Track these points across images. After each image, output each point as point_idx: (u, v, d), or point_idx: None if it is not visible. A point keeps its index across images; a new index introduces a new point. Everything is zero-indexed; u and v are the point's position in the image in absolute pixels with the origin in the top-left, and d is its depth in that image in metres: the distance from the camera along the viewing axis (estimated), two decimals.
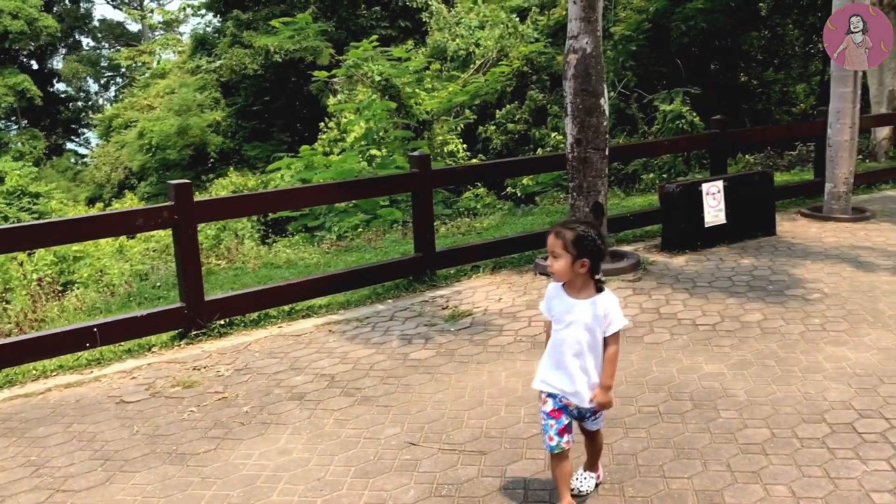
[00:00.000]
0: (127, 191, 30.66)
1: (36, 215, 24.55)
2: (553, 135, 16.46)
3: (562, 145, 14.70)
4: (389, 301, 6.81)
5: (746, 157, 14.19)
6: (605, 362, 3.39)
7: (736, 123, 14.99)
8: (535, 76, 18.91)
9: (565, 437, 3.39)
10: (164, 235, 13.22)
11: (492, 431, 4.31)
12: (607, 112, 7.03)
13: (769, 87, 17.39)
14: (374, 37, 20.32)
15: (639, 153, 11.98)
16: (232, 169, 27.28)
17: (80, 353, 5.68)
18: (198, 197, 6.22)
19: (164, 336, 6.02)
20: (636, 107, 15.94)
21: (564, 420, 3.40)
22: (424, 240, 7.19)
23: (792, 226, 8.78)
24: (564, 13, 17.60)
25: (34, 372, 5.51)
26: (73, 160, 41.43)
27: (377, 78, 16.82)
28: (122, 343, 5.88)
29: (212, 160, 29.18)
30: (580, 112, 6.84)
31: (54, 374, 5.51)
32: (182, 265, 5.90)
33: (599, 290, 3.38)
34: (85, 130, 46.45)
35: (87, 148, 44.60)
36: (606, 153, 7.02)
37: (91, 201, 32.18)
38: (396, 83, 16.83)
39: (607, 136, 7.06)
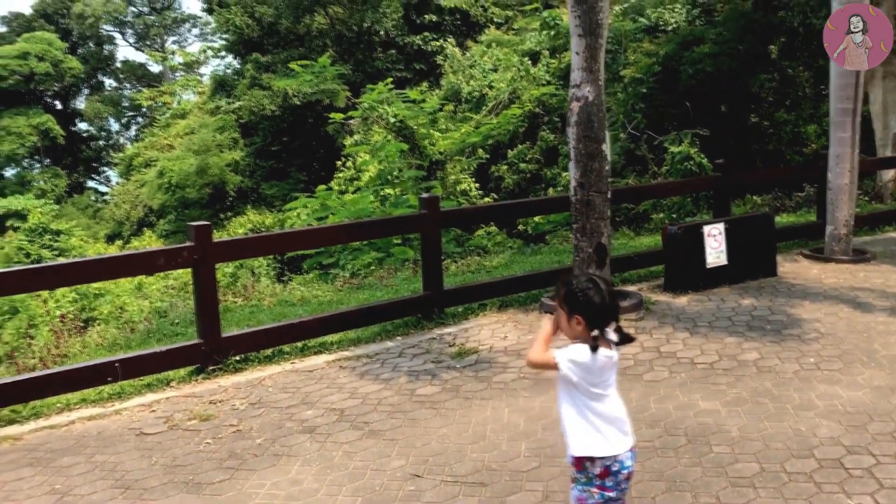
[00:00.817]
0: (146, 228, 31.20)
1: (56, 252, 25.03)
2: (564, 174, 16.76)
3: None
4: (398, 338, 7.04)
5: (754, 198, 14.41)
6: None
7: (746, 164, 15.24)
8: (547, 117, 19.31)
9: None
10: (182, 273, 13.56)
11: (493, 464, 4.51)
12: (609, 157, 7.29)
13: (780, 127, 17.62)
14: (390, 79, 20.80)
15: (644, 195, 12.22)
16: (249, 207, 27.79)
17: (102, 387, 5.93)
18: (216, 235, 6.50)
19: (182, 371, 6.27)
20: (646, 148, 16.23)
21: None
22: (433, 278, 7.44)
23: (793, 267, 8.97)
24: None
25: (58, 405, 5.76)
26: (93, 198, 42.15)
27: (392, 119, 17.24)
28: (142, 378, 6.13)
29: (230, 199, 29.72)
30: (583, 157, 7.11)
31: (77, 406, 5.76)
32: (200, 303, 6.17)
33: (594, 349, 3.05)
34: (105, 169, 47.27)
35: (108, 186, 45.36)
36: (609, 196, 7.27)
37: (110, 238, 32.73)
38: (411, 124, 17.23)
39: (609, 179, 7.31)
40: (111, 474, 4.63)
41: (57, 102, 44.32)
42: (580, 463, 3.14)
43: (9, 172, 40.09)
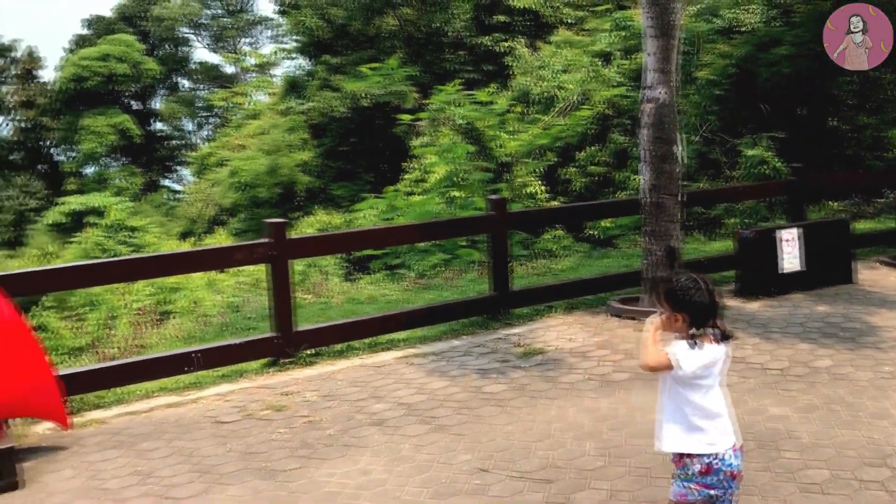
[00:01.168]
0: (217, 226, 32.00)
1: (132, 248, 25.89)
2: (634, 177, 16.60)
3: None
4: (465, 337, 7.11)
5: (831, 203, 14.03)
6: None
7: (824, 169, 14.85)
8: (617, 119, 19.13)
9: None
10: (254, 270, 13.89)
11: (558, 462, 4.55)
12: (680, 159, 7.24)
13: (861, 131, 17.09)
14: (458, 80, 20.93)
15: (716, 199, 12.05)
16: (317, 207, 28.25)
17: (180, 377, 6.16)
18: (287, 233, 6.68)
19: (256, 363, 6.47)
20: (719, 151, 15.96)
21: None
22: (500, 279, 7.50)
23: (871, 274, 8.73)
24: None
25: (139, 392, 6.01)
26: (166, 196, 43.41)
27: (460, 121, 17.35)
28: (218, 368, 6.35)
29: (299, 198, 30.26)
30: (654, 159, 7.08)
31: (157, 394, 6.01)
32: (275, 298, 6.36)
33: (693, 346, 3.09)
34: (178, 168, 48.61)
35: (181, 184, 46.65)
36: (679, 199, 7.22)
37: (183, 236, 33.66)
38: (479, 126, 17.31)
39: (680, 182, 7.26)
40: (189, 459, 4.82)
41: (134, 102, 45.74)
42: (680, 459, 3.16)
43: (89, 170, 41.56)
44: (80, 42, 43.54)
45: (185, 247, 28.56)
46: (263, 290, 11.97)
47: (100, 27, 44.34)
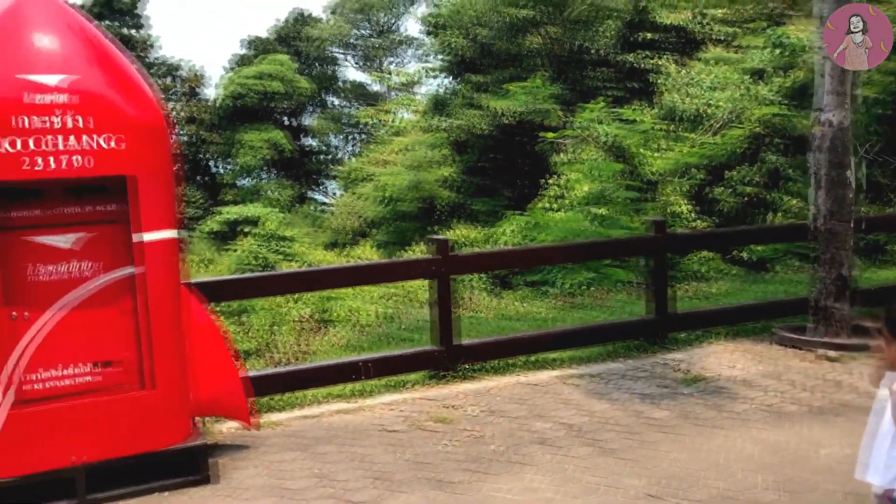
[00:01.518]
0: (361, 238, 33.08)
1: (282, 257, 27.14)
2: (787, 199, 15.96)
3: (798, 210, 14.28)
4: (623, 360, 7.08)
5: None
6: None
7: None
8: (771, 138, 18.44)
9: None
10: (407, 283, 14.19)
11: (729, 493, 4.47)
12: (853, 184, 6.95)
13: None
14: (602, 98, 20.78)
15: (883, 225, 11.40)
16: (456, 221, 28.70)
17: (346, 385, 6.45)
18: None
19: (417, 374, 6.69)
20: (882, 173, 15.11)
21: None
22: (659, 302, 7.41)
23: None
24: (803, 75, 17.15)
25: (309, 397, 6.35)
26: (313, 207, 45.25)
27: (605, 139, 17.22)
28: (381, 378, 6.61)
29: (439, 213, 30.86)
30: (827, 184, 6.83)
31: (326, 400, 6.32)
32: (440, 312, 6.56)
33: None
34: (325, 181, 50.56)
35: (327, 197, 48.50)
36: (852, 225, 6.92)
37: (329, 246, 35.00)
38: (624, 144, 17.13)
39: (853, 207, 6.96)
40: (362, 464, 5.05)
41: (286, 118, 48.00)
42: (889, 496, 3.00)
43: (244, 182, 43.97)
44: (240, 61, 46.18)
45: (331, 257, 29.69)
46: (414, 302, 12.31)
47: (257, 47, 46.87)
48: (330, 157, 49.86)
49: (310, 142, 49.50)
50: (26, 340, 4.65)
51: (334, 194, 45.73)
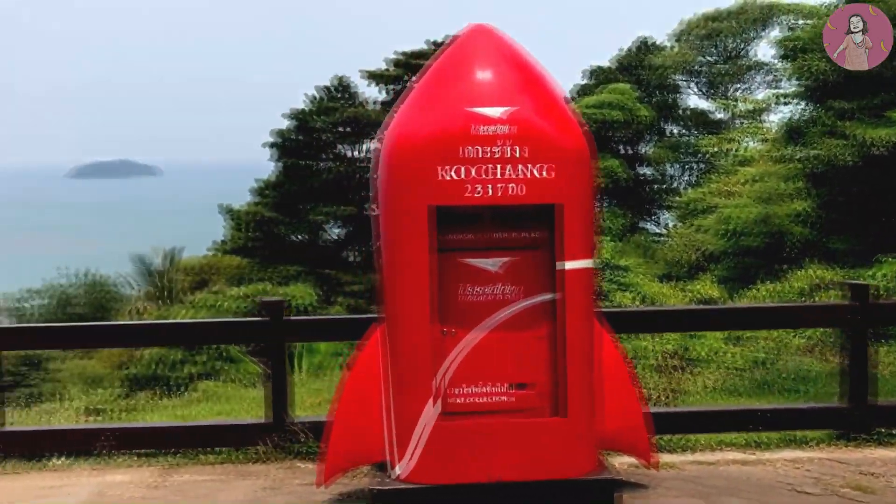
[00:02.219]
0: (698, 272, 31.79)
1: (616, 286, 26.92)
2: None
3: None
4: None
5: None
6: None
7: None
8: None
9: None
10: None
11: None
12: None
13: None
14: None
15: None
16: (810, 261, 26.42)
17: (740, 434, 6.05)
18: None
19: (821, 433, 6.07)
20: None
21: None
22: None
23: None
24: None
25: (701, 442, 6.04)
26: (643, 238, 44.54)
27: None
28: (777, 431, 6.09)
29: (788, 249, 28.68)
30: None
31: (718, 448, 5.97)
32: (849, 366, 5.91)
33: None
34: (658, 211, 49.61)
35: (658, 227, 47.52)
36: None
37: (662, 278, 34.13)
38: None
39: None
40: None
41: (622, 147, 47.95)
42: None
43: None
44: (581, 91, 47.09)
45: (666, 290, 28.90)
46: (780, 346, 11.32)
47: (598, 77, 47.47)
48: (665, 186, 48.86)
49: (644, 170, 48.95)
50: (453, 356, 4.93)
51: (667, 225, 44.67)
